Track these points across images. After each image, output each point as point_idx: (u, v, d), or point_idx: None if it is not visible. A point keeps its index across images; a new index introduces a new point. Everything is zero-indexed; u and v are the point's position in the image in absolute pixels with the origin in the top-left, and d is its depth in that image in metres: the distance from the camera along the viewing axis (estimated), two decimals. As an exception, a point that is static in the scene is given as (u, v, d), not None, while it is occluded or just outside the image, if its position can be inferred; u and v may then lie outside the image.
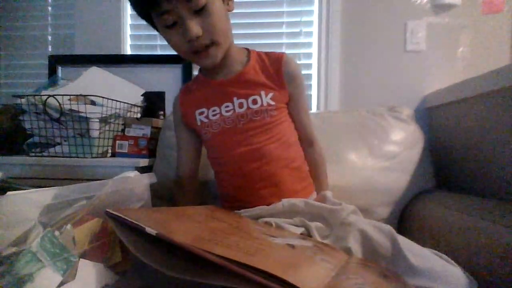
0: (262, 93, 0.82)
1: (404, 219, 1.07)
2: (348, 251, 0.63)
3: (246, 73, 0.84)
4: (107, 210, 0.46)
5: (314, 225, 0.71)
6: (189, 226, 0.52)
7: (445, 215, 0.86)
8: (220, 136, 0.84)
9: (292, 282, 0.35)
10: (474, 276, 0.62)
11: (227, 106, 0.83)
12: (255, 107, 0.81)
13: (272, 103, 0.83)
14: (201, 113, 0.86)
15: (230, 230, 0.55)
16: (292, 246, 0.53)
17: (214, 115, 0.84)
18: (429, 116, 1.37)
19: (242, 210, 0.78)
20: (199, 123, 0.86)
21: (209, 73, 0.87)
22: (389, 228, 0.66)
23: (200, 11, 0.71)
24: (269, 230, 0.63)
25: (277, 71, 0.84)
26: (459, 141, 1.11)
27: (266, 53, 0.88)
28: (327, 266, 0.48)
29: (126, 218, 0.43)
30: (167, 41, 0.79)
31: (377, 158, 1.11)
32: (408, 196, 1.09)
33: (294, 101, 0.89)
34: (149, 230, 0.41)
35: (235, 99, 0.82)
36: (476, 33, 1.40)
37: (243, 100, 0.82)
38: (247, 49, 0.89)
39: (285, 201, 0.76)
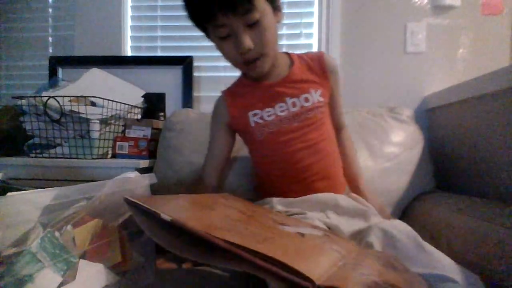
0: (312, 91, 0.88)
1: (405, 220, 1.07)
2: (370, 246, 0.65)
3: (294, 74, 0.89)
4: (126, 197, 0.48)
5: (338, 221, 0.76)
6: (203, 214, 0.54)
7: (445, 216, 0.86)
8: (276, 135, 0.87)
9: (298, 269, 0.36)
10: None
11: (281, 107, 0.86)
12: (307, 104, 0.86)
13: (321, 99, 0.88)
14: (255, 115, 0.88)
15: (243, 219, 0.56)
16: (302, 235, 0.55)
17: (269, 116, 0.87)
18: (429, 117, 1.37)
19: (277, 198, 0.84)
20: (253, 125, 0.88)
21: (258, 77, 0.89)
22: (410, 228, 0.69)
23: (253, 25, 0.75)
24: (282, 219, 0.64)
25: (321, 68, 0.90)
26: (459, 142, 1.11)
27: (306, 54, 0.94)
28: (335, 255, 0.48)
29: (143, 205, 0.45)
30: (220, 50, 0.83)
31: (377, 159, 1.11)
32: (408, 197, 1.09)
33: (334, 94, 0.94)
34: (163, 216, 0.42)
35: (287, 99, 0.86)
36: (476, 34, 1.40)
37: (295, 100, 0.86)
38: (287, 53, 0.94)
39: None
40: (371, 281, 0.42)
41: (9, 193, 0.42)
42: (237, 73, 1.58)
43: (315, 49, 1.55)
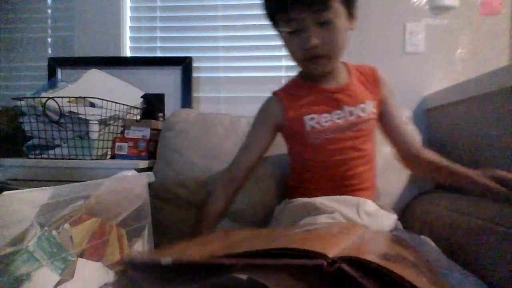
0: (367, 102, 0.88)
1: (404, 220, 1.07)
2: None
3: (352, 84, 0.90)
4: (125, 259, 0.49)
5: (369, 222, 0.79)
6: (204, 247, 0.52)
7: (444, 216, 0.86)
8: (332, 142, 0.87)
9: (309, 249, 0.36)
10: (475, 275, 0.61)
11: (338, 114, 0.87)
12: (363, 115, 0.87)
13: (375, 111, 0.89)
14: (312, 119, 0.87)
15: (249, 238, 0.56)
16: (309, 231, 0.56)
17: (326, 122, 0.86)
18: (428, 117, 1.37)
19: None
20: (309, 129, 0.87)
21: (316, 80, 0.90)
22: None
23: (324, 24, 0.77)
24: (289, 229, 0.64)
25: (374, 80, 0.92)
26: (458, 142, 1.11)
27: (360, 66, 0.96)
28: (344, 236, 0.49)
29: (142, 259, 0.46)
30: (286, 44, 0.84)
31: (377, 159, 1.11)
32: (407, 197, 1.09)
33: (390, 109, 0.94)
34: (164, 260, 0.41)
35: (345, 107, 0.87)
36: (474, 35, 1.40)
37: (353, 109, 0.87)
38: (343, 62, 0.95)
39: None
40: (383, 252, 0.42)
41: (5, 192, 0.42)
42: (234, 74, 1.59)
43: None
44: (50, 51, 1.67)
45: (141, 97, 1.46)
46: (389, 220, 0.86)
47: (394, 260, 0.40)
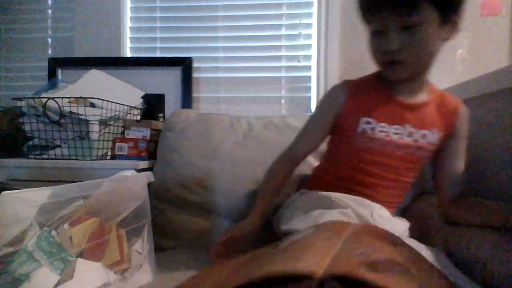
0: (434, 130, 0.81)
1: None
2: None
3: (428, 105, 0.82)
4: None
5: (380, 224, 0.75)
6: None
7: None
8: (376, 154, 0.81)
9: (295, 271, 0.36)
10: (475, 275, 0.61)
11: (396, 129, 0.80)
12: (422, 141, 0.80)
13: (437, 143, 0.82)
14: (368, 123, 0.81)
15: (234, 270, 0.55)
16: (296, 241, 0.54)
17: (381, 132, 0.80)
18: (428, 118, 1.37)
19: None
20: (359, 130, 0.81)
21: (393, 86, 0.82)
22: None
23: (408, 29, 0.70)
24: (275, 246, 0.63)
25: (451, 114, 0.83)
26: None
27: (446, 94, 0.86)
28: (332, 240, 0.48)
29: None
30: (369, 43, 0.79)
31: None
32: (408, 197, 1.09)
33: (454, 149, 0.86)
34: None
35: (408, 126, 0.80)
36: (474, 35, 1.40)
37: (414, 130, 0.80)
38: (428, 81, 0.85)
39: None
40: (372, 260, 0.42)
41: (4, 192, 0.42)
42: (234, 74, 1.59)
43: (313, 49, 1.55)
44: (50, 52, 1.68)
45: (141, 97, 1.46)
46: (402, 226, 0.82)
47: (383, 268, 0.40)
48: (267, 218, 0.92)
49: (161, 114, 1.50)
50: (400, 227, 0.81)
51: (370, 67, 1.44)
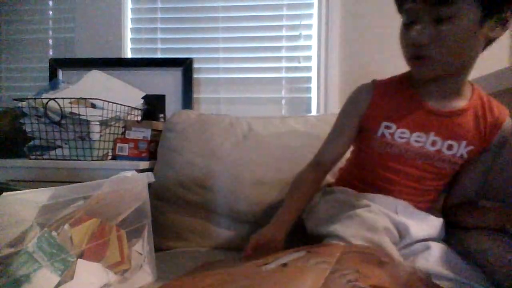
0: (463, 142, 0.74)
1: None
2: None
3: (463, 114, 0.74)
4: None
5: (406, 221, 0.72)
6: None
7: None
8: (394, 160, 0.77)
9: None
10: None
11: (419, 136, 0.75)
12: (447, 153, 0.75)
13: (466, 156, 0.75)
14: (388, 127, 0.77)
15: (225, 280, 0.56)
16: (284, 265, 0.54)
17: (401, 138, 0.76)
18: (428, 118, 1.37)
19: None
20: (379, 134, 0.78)
21: (423, 89, 0.77)
22: None
23: (441, 21, 0.64)
24: (264, 260, 0.62)
25: (493, 126, 0.75)
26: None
27: (492, 100, 0.78)
28: (321, 267, 0.48)
29: None
30: (399, 36, 0.74)
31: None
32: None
33: (482, 159, 0.79)
34: None
35: (431, 134, 0.74)
36: (475, 36, 1.40)
37: (438, 139, 0.74)
38: (472, 85, 0.78)
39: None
40: None
41: (4, 193, 0.42)
42: (235, 75, 1.60)
43: (314, 50, 1.55)
44: (51, 52, 1.68)
45: (142, 98, 1.46)
46: (432, 222, 0.76)
47: None
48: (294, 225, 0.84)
49: (161, 115, 1.50)
50: (427, 223, 0.75)
51: (370, 68, 1.45)
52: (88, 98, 1.17)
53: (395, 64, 1.43)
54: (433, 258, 0.67)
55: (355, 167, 0.89)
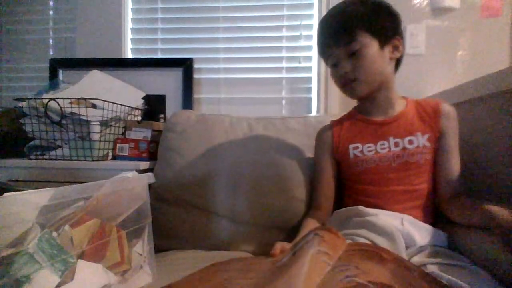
0: (418, 134, 0.88)
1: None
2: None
3: (403, 116, 0.91)
4: None
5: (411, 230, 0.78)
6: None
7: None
8: (374, 172, 0.88)
9: None
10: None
11: (382, 144, 0.89)
12: (410, 147, 0.87)
13: (428, 144, 0.87)
14: (355, 148, 0.91)
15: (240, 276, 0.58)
16: (294, 253, 0.56)
17: (369, 151, 0.89)
18: (429, 119, 1.37)
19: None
20: (351, 156, 0.91)
21: (367, 111, 0.95)
22: None
23: (353, 55, 0.85)
24: (282, 255, 0.64)
25: (434, 114, 0.89)
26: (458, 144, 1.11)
27: (423, 100, 0.94)
28: (324, 260, 0.50)
29: None
30: (330, 75, 0.94)
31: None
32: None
33: (445, 145, 0.89)
34: None
35: (391, 138, 0.89)
36: (475, 36, 1.40)
37: (399, 140, 0.88)
38: (404, 97, 0.96)
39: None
40: (356, 284, 0.44)
41: (5, 194, 0.42)
42: (235, 75, 1.60)
43: (314, 50, 1.55)
44: (51, 52, 1.68)
45: (142, 98, 1.47)
46: (443, 235, 0.80)
47: None
48: None
49: (162, 115, 1.51)
50: (432, 234, 0.80)
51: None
52: (89, 98, 1.17)
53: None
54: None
55: (351, 198, 0.95)
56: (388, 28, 0.87)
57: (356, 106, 1.01)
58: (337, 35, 0.86)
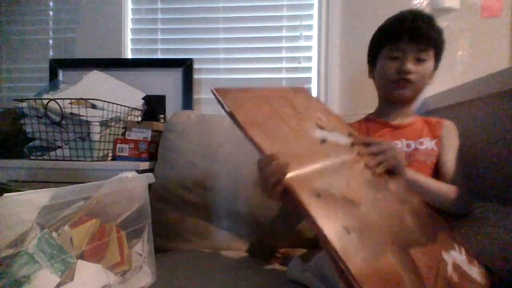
0: (427, 138, 0.96)
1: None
2: None
3: (414, 123, 1.01)
4: (212, 88, 0.63)
5: None
6: (258, 109, 0.65)
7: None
8: None
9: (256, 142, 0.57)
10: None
11: (396, 144, 0.96)
12: (422, 148, 0.95)
13: (436, 148, 0.95)
14: None
15: (287, 117, 0.67)
16: (324, 141, 0.66)
17: None
18: (429, 119, 1.37)
19: None
20: None
21: (386, 114, 1.03)
22: None
23: (419, 61, 0.93)
24: (326, 123, 0.74)
25: (436, 124, 1.00)
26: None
27: (427, 118, 1.04)
28: (328, 161, 0.59)
29: (218, 96, 0.62)
30: (381, 67, 0.98)
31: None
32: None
33: (444, 150, 0.96)
34: (226, 107, 0.60)
35: (403, 140, 0.97)
36: (475, 37, 1.40)
37: (411, 142, 0.96)
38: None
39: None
40: (328, 193, 0.51)
41: (5, 194, 0.42)
42: (235, 75, 1.60)
43: (314, 50, 1.55)
44: (51, 53, 1.68)
45: (142, 98, 1.47)
46: None
47: (326, 197, 0.50)
48: None
49: (162, 115, 1.51)
50: None
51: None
52: (89, 99, 1.17)
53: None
54: None
55: None
56: (439, 59, 0.98)
57: (372, 113, 1.08)
58: (421, 37, 0.91)
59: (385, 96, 1.03)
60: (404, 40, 0.92)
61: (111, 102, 1.20)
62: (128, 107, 1.32)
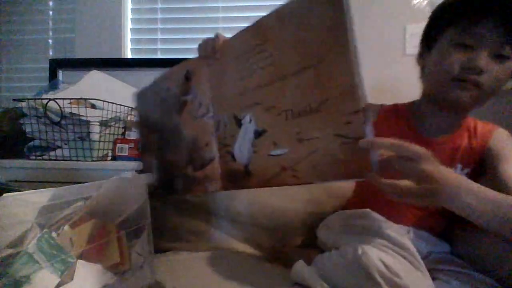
0: (459, 166, 0.76)
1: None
2: None
3: (451, 141, 0.77)
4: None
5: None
6: None
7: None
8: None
9: None
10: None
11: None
12: None
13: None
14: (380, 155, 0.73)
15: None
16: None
17: None
18: (429, 119, 1.37)
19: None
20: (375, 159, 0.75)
21: (422, 123, 0.79)
22: None
23: (498, 58, 0.64)
24: None
25: (481, 143, 0.76)
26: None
27: (479, 122, 0.80)
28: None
29: None
30: (440, 53, 0.71)
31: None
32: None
33: (496, 171, 0.72)
34: None
35: None
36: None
37: None
38: None
39: None
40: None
41: (5, 194, 0.42)
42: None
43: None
44: (51, 53, 1.68)
45: (142, 98, 1.46)
46: (441, 247, 0.78)
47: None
48: None
49: (161, 115, 1.50)
50: (440, 245, 0.78)
51: (370, 69, 1.43)
52: (88, 99, 1.17)
53: (395, 64, 1.44)
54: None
55: (355, 205, 0.84)
56: None
57: (412, 106, 0.84)
58: (505, 23, 0.62)
59: (436, 94, 0.74)
60: (485, 23, 0.63)
61: (111, 102, 1.20)
62: (128, 107, 1.32)
